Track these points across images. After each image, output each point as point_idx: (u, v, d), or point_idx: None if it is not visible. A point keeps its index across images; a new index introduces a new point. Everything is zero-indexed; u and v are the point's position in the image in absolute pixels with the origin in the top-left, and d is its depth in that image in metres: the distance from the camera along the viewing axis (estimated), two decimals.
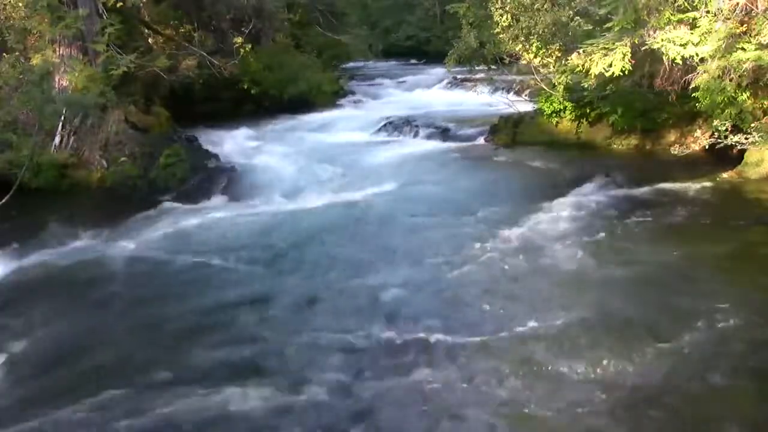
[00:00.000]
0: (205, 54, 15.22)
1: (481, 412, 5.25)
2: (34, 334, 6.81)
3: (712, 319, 6.41)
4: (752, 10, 9.30)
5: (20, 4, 12.15)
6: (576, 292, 7.17)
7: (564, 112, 13.93)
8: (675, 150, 11.63)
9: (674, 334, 6.18)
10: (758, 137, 10.10)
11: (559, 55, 12.89)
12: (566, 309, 6.75)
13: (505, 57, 14.95)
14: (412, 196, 11.05)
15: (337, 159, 13.72)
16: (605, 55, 9.89)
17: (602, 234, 8.71)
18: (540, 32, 12.73)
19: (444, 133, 15.64)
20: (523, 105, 15.87)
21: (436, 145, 15.14)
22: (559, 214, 9.50)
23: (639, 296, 7.00)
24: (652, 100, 12.12)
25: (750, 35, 9.34)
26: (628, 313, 6.67)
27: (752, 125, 10.23)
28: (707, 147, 11.19)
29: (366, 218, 10.04)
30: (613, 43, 9.85)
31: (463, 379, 5.65)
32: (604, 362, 5.77)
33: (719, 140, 10.58)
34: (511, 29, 13.42)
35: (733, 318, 6.40)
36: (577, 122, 13.95)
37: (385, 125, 16.76)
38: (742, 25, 9.38)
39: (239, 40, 14.76)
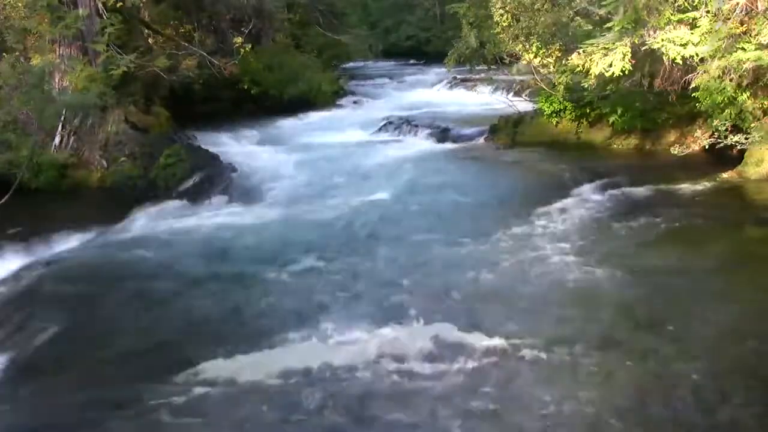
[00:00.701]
0: (205, 54, 15.21)
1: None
2: (20, 336, 6.81)
3: (712, 321, 6.41)
4: (752, 10, 9.30)
5: (19, 4, 12.14)
6: (576, 296, 7.14)
7: (564, 112, 13.92)
8: (675, 150, 11.63)
9: (675, 336, 6.18)
10: (758, 137, 10.10)
11: (559, 55, 12.89)
12: (566, 313, 6.73)
13: (505, 57, 14.95)
14: (411, 198, 11.00)
15: (336, 159, 13.72)
16: (605, 55, 9.88)
17: (603, 235, 8.70)
18: (540, 32, 12.74)
19: (444, 133, 15.64)
20: (523, 105, 15.87)
21: (435, 145, 15.14)
22: (558, 216, 9.49)
23: (639, 298, 6.97)
24: (652, 100, 12.11)
25: (750, 35, 9.34)
26: (628, 316, 6.65)
27: (752, 125, 10.23)
28: (707, 147, 11.18)
29: (365, 220, 10.00)
30: (613, 43, 9.85)
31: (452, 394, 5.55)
32: (603, 366, 5.76)
33: (719, 140, 10.58)
34: (511, 29, 13.43)
35: (733, 319, 6.41)
36: (577, 122, 13.95)
37: (385, 125, 16.77)
38: (742, 25, 9.38)
39: (239, 40, 14.76)
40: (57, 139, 12.14)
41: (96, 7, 12.55)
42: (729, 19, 9.31)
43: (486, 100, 18.59)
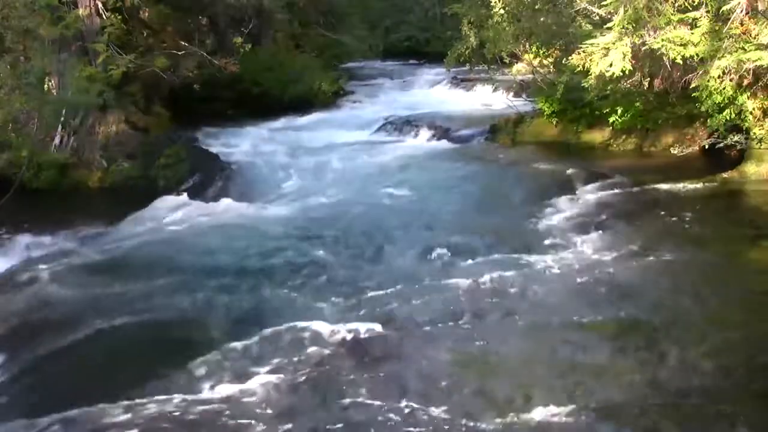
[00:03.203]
0: (205, 54, 15.22)
1: None
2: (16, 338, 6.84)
3: (711, 322, 6.42)
4: (752, 10, 9.30)
5: (17, 5, 12.12)
6: (576, 297, 7.12)
7: (564, 113, 13.91)
8: (675, 150, 11.64)
9: (675, 337, 6.19)
10: (758, 137, 10.12)
11: (559, 55, 12.89)
12: (567, 316, 6.72)
13: (505, 57, 14.93)
14: (410, 199, 10.99)
15: (336, 159, 13.70)
16: (605, 55, 9.89)
17: (602, 236, 8.68)
18: (540, 32, 12.74)
19: (444, 133, 15.61)
20: (523, 105, 15.86)
21: (435, 145, 15.13)
22: (558, 217, 9.48)
23: (638, 300, 6.95)
24: (652, 100, 12.11)
25: (750, 35, 9.34)
26: (626, 319, 6.63)
27: (752, 125, 10.24)
28: (707, 147, 11.19)
29: (362, 219, 10.00)
30: (614, 43, 9.85)
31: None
32: (601, 370, 5.78)
33: (719, 140, 10.60)
34: (511, 29, 13.43)
35: (732, 320, 6.42)
36: (576, 122, 13.93)
37: (384, 125, 16.75)
38: (742, 25, 9.39)
39: (239, 40, 14.79)
40: (57, 139, 12.16)
41: (96, 7, 12.58)
42: (729, 19, 9.31)
43: (486, 100, 18.58)
